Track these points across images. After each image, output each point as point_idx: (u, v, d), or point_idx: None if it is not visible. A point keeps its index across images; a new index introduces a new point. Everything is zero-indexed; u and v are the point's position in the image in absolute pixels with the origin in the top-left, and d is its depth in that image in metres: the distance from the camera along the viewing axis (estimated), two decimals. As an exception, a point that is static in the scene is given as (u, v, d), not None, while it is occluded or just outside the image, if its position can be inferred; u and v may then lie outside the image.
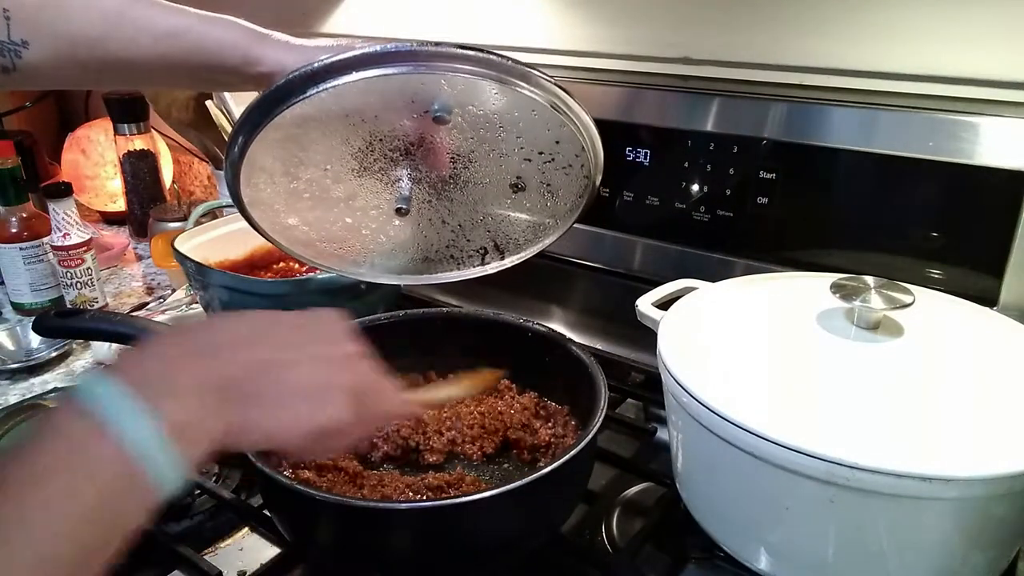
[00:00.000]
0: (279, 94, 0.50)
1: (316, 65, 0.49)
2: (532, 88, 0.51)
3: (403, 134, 0.56)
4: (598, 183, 0.60)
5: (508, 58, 0.50)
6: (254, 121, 0.52)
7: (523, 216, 0.63)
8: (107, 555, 0.34)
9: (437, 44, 0.49)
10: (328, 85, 0.49)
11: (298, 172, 0.58)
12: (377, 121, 0.55)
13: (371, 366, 0.48)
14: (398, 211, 0.59)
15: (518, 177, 0.60)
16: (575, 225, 0.65)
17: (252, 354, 0.42)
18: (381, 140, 0.56)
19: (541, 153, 0.57)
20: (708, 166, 0.83)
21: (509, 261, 0.67)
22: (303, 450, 0.47)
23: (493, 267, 0.67)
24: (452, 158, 0.58)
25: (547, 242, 0.65)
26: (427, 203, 0.61)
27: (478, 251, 0.66)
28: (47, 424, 0.35)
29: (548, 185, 0.60)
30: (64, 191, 1.01)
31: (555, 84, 0.52)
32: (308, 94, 0.50)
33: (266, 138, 0.53)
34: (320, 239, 0.65)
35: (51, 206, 1.00)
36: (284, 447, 0.44)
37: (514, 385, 0.74)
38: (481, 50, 0.50)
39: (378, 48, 0.49)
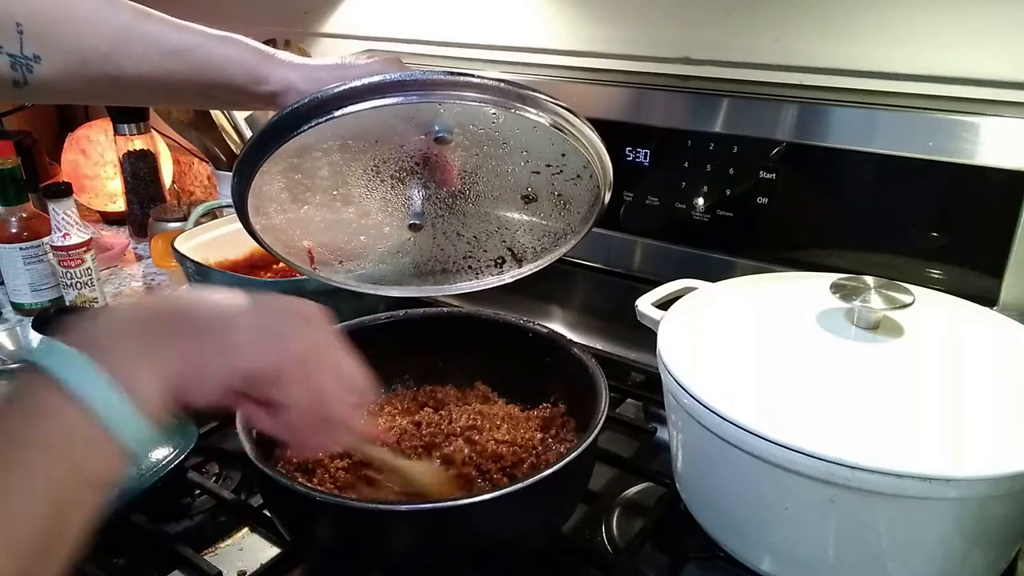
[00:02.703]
0: (275, 130, 0.51)
1: (309, 99, 0.49)
2: (531, 110, 0.51)
3: (407, 155, 0.56)
4: (607, 196, 0.60)
5: (504, 81, 0.50)
6: (253, 159, 0.52)
7: (537, 226, 0.63)
8: (84, 515, 0.35)
9: (424, 72, 0.49)
10: (324, 119, 0.50)
11: (306, 198, 0.59)
12: (378, 146, 0.55)
13: (328, 328, 0.47)
14: (412, 227, 0.60)
15: (528, 189, 0.60)
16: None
17: (186, 296, 0.43)
18: (386, 162, 0.57)
19: (548, 166, 0.57)
20: (708, 166, 0.83)
21: (527, 269, 0.67)
22: (274, 385, 0.43)
23: (510, 276, 0.67)
24: (460, 174, 0.58)
25: (563, 250, 0.65)
26: (440, 217, 0.62)
27: (495, 261, 0.66)
28: (13, 398, 0.36)
29: (560, 195, 0.60)
30: (64, 191, 1.01)
31: (554, 103, 0.52)
32: (303, 129, 0.50)
33: (269, 170, 0.54)
34: (336, 258, 0.65)
35: (51, 206, 1.00)
36: (251, 374, 0.42)
37: (513, 385, 0.74)
38: (474, 75, 0.49)
39: (369, 80, 0.49)
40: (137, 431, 0.37)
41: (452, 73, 0.49)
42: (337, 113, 0.49)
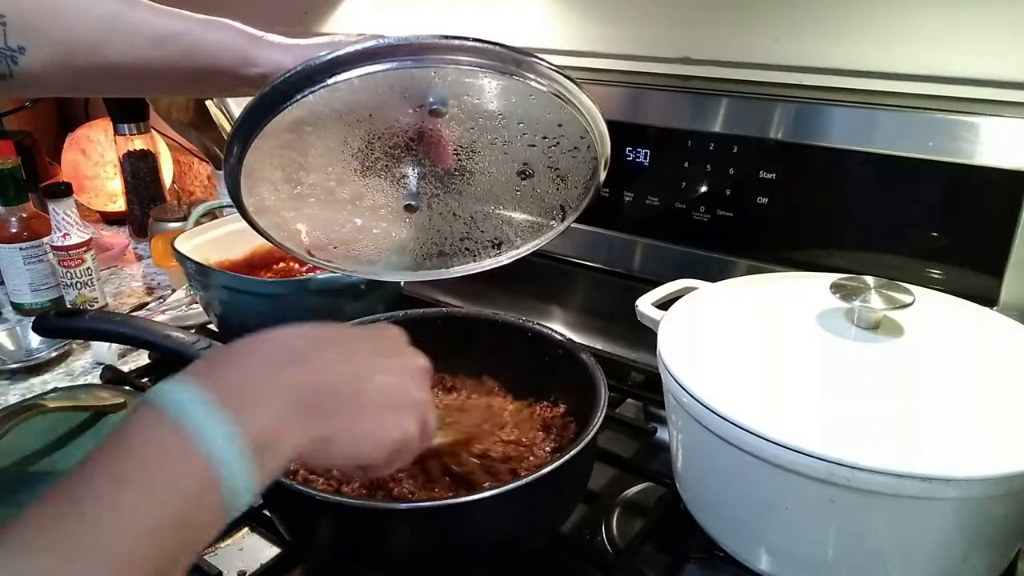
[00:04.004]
0: (267, 101, 0.50)
1: (301, 68, 0.48)
2: (527, 74, 0.50)
3: (401, 130, 0.55)
4: (604, 169, 0.59)
5: (500, 44, 0.49)
6: (246, 131, 0.51)
7: (534, 203, 0.62)
8: (179, 567, 0.33)
9: (419, 37, 0.48)
10: (317, 87, 0.48)
11: (300, 177, 0.58)
12: (373, 119, 0.54)
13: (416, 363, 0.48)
14: (407, 208, 0.59)
15: (525, 164, 0.58)
16: (576, 225, 0.65)
17: (333, 365, 0.41)
18: (380, 138, 0.55)
19: (545, 138, 0.56)
20: (708, 166, 0.83)
21: (525, 249, 0.65)
22: (380, 468, 0.45)
23: (507, 257, 0.66)
24: (455, 150, 0.57)
25: (560, 229, 0.64)
26: (436, 197, 0.61)
27: (492, 241, 0.65)
28: (131, 428, 0.34)
29: (556, 170, 0.59)
30: (64, 191, 1.01)
31: (552, 68, 0.51)
32: (296, 99, 0.49)
33: (261, 147, 0.52)
34: (331, 242, 0.64)
35: (51, 206, 1.00)
36: (365, 464, 0.43)
37: (513, 385, 0.74)
38: (470, 39, 0.48)
39: (361, 46, 0.48)
40: (247, 499, 0.35)
41: (446, 37, 0.48)
42: (330, 81, 0.48)
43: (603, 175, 0.60)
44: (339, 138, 0.55)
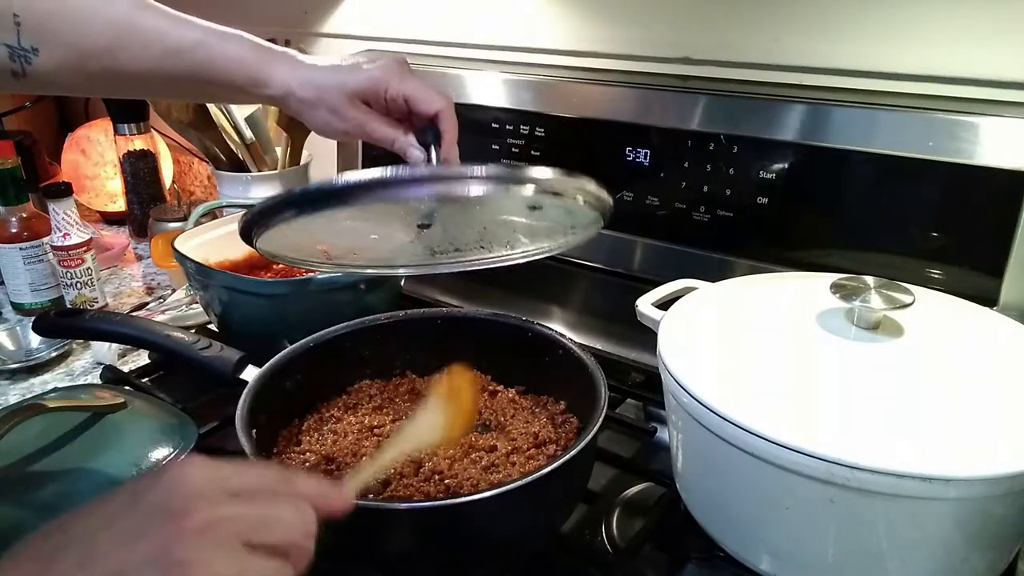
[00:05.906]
0: (282, 205, 0.51)
1: (319, 185, 0.50)
2: (536, 185, 0.52)
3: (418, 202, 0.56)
4: (606, 218, 0.60)
5: (511, 165, 0.52)
6: (260, 224, 0.53)
7: (544, 226, 0.63)
8: None
9: (448, 169, 0.51)
10: (330, 206, 0.50)
11: (315, 241, 0.60)
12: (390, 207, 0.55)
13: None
14: (420, 227, 0.60)
15: (535, 203, 0.60)
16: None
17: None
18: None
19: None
20: (708, 166, 0.83)
21: (539, 252, 0.66)
22: None
23: (522, 253, 0.66)
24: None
25: (573, 243, 0.64)
26: (449, 217, 0.62)
27: (506, 243, 0.65)
28: None
29: (566, 208, 0.60)
30: (64, 191, 1.01)
31: (550, 178, 0.52)
32: (310, 212, 0.51)
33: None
34: (346, 253, 0.65)
35: (51, 206, 1.00)
36: None
37: (514, 385, 0.74)
38: (490, 166, 0.50)
39: (386, 174, 0.49)
40: None
41: (469, 167, 0.50)
42: (347, 202, 0.50)
43: (609, 214, 0.60)
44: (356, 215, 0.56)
